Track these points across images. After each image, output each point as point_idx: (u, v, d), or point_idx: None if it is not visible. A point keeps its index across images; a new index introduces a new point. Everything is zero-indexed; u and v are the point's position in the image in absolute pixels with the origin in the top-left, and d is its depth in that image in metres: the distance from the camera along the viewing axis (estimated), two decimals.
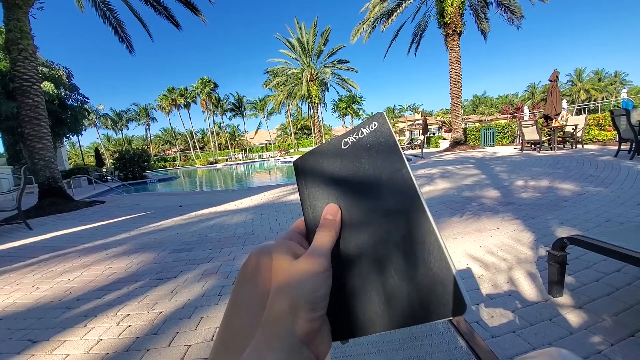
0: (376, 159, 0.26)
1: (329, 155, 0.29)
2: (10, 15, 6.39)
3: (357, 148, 0.28)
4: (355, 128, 0.28)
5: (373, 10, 14.63)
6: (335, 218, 0.27)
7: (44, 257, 3.20)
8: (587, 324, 1.33)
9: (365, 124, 0.28)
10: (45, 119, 6.83)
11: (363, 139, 0.27)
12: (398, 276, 0.22)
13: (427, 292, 0.21)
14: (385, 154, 0.26)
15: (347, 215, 0.27)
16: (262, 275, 0.29)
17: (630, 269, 1.72)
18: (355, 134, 0.28)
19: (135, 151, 16.71)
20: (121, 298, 2.06)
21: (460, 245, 2.42)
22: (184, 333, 1.56)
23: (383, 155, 0.26)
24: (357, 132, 0.28)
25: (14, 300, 2.17)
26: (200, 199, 6.73)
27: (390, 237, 0.23)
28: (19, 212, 4.78)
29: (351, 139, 0.28)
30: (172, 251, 3.00)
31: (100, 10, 9.68)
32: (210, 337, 1.51)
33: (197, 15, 9.77)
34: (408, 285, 0.22)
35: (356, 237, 0.26)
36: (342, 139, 0.29)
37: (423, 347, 0.71)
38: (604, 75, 55.54)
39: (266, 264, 0.29)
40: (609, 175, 4.40)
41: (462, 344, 0.69)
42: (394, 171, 0.25)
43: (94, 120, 46.07)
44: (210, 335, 1.52)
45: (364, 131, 0.28)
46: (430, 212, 0.22)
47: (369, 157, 0.27)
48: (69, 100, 13.50)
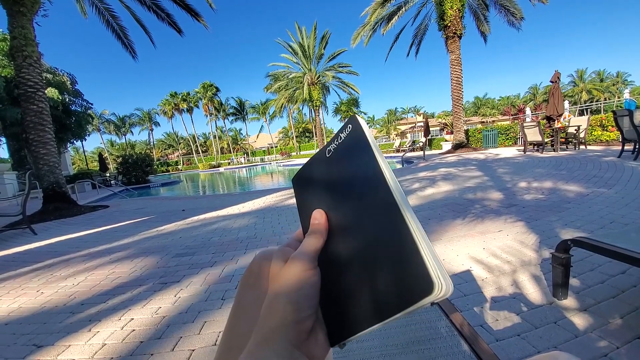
0: (354, 160, 0.27)
1: (317, 165, 0.31)
2: (15, 23, 6.49)
3: (338, 153, 0.29)
4: (335, 135, 0.30)
5: (373, 14, 14.69)
6: (321, 222, 0.27)
7: (48, 262, 3.22)
8: (593, 327, 1.32)
9: (342, 128, 0.29)
10: (50, 125, 6.90)
11: (342, 143, 0.28)
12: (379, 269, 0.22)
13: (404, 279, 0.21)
14: (360, 152, 0.26)
15: (334, 219, 0.28)
16: (264, 280, 0.30)
17: (635, 271, 1.70)
18: (336, 141, 0.29)
19: (138, 156, 16.81)
20: (125, 302, 2.06)
21: (463, 247, 2.41)
22: (187, 337, 1.57)
23: (358, 154, 0.26)
24: (337, 138, 0.29)
25: (18, 305, 2.18)
26: (203, 203, 6.75)
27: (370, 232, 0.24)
28: (23, 217, 4.81)
29: (333, 146, 0.30)
30: (175, 255, 3.01)
31: (103, 17, 9.81)
32: (213, 342, 1.51)
33: (199, 21, 9.87)
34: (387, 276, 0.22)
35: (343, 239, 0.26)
36: (326, 148, 0.30)
37: (426, 351, 0.71)
38: (606, 76, 55.28)
39: (267, 269, 0.29)
40: (613, 176, 4.37)
41: (465, 347, 0.69)
42: (368, 168, 0.25)
43: (97, 126, 46.43)
44: (213, 340, 1.52)
45: (342, 136, 0.29)
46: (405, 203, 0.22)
47: (349, 159, 0.28)
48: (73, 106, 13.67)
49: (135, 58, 10.68)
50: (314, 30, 26.50)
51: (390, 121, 61.10)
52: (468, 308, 1.57)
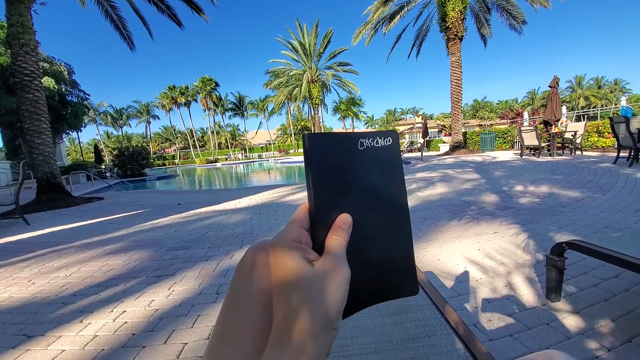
0: (384, 169, 0.29)
1: (346, 148, 0.29)
2: (13, 10, 6.39)
3: (372, 154, 0.29)
4: (371, 134, 0.30)
5: (376, 13, 14.67)
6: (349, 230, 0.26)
7: (40, 252, 3.19)
8: (585, 329, 1.33)
9: (382, 135, 0.30)
10: (45, 115, 6.82)
11: (378, 148, 0.29)
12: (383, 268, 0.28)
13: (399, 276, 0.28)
14: (392, 168, 0.30)
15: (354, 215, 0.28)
16: (258, 271, 0.29)
17: (628, 275, 1.72)
18: (372, 140, 0.29)
19: (134, 148, 16.69)
20: (118, 295, 2.05)
21: (458, 248, 2.42)
22: (180, 331, 1.56)
23: (391, 168, 0.29)
24: (374, 139, 0.29)
25: (9, 295, 2.16)
26: (199, 198, 6.72)
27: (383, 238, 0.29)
28: (16, 206, 4.76)
29: (367, 142, 0.29)
30: (170, 249, 2.99)
31: (102, 7, 9.68)
32: (207, 335, 1.50)
33: (200, 14, 9.79)
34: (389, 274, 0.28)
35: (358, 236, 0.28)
36: (359, 139, 0.29)
37: (421, 349, 0.71)
38: (604, 83, 55.81)
39: (263, 260, 0.29)
40: (608, 181, 4.41)
41: (459, 346, 0.69)
42: (397, 186, 0.30)
43: (94, 117, 46.01)
44: (207, 334, 1.51)
45: (380, 142, 0.30)
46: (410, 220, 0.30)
47: (380, 165, 0.29)
48: (70, 96, 13.50)
49: (133, 50, 10.55)
50: (315, 28, 26.41)
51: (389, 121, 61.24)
52: (462, 308, 1.58)
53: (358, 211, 0.28)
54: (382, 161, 0.29)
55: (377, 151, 0.29)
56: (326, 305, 0.23)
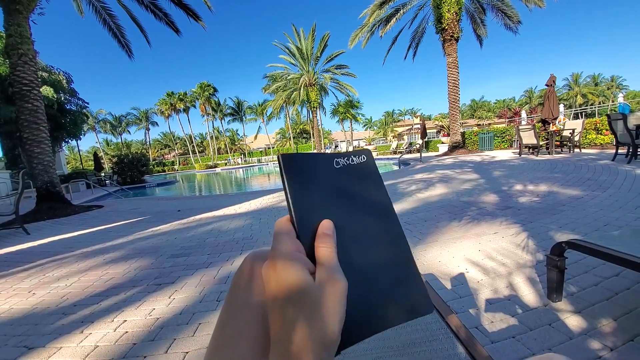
0: (366, 186, 0.30)
1: (322, 166, 0.30)
2: (11, 20, 6.42)
3: (348, 171, 0.30)
4: (345, 154, 0.31)
5: (372, 16, 14.75)
6: (333, 235, 0.26)
7: (41, 262, 3.18)
8: (587, 329, 1.33)
9: (355, 154, 0.31)
10: (45, 124, 6.83)
11: (353, 165, 0.31)
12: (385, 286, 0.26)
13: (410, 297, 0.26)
14: (372, 183, 0.30)
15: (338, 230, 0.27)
16: (256, 281, 0.28)
17: (629, 273, 1.71)
18: (346, 159, 0.31)
19: (134, 155, 16.69)
20: (118, 304, 2.04)
21: (459, 249, 2.42)
22: (181, 340, 1.55)
23: (371, 184, 0.30)
24: (348, 157, 0.31)
25: (10, 306, 2.15)
26: (199, 204, 6.71)
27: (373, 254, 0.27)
28: (16, 216, 4.75)
29: (342, 161, 0.31)
30: (170, 256, 2.98)
31: (100, 16, 9.74)
32: (208, 344, 1.49)
33: (197, 21, 9.84)
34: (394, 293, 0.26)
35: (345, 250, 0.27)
36: (334, 158, 0.31)
37: (422, 354, 0.70)
38: (601, 80, 55.98)
39: (259, 270, 0.28)
40: (607, 179, 4.42)
41: (461, 350, 0.69)
42: (380, 198, 0.29)
43: (93, 125, 46.08)
44: (208, 342, 1.51)
45: (354, 160, 0.31)
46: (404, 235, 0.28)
47: (359, 182, 0.30)
48: (69, 104, 13.54)
49: (131, 57, 10.61)
50: (312, 32, 26.52)
51: (387, 123, 61.31)
52: (464, 310, 1.58)
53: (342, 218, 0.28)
54: (360, 174, 0.30)
55: (353, 167, 0.31)
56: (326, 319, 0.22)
